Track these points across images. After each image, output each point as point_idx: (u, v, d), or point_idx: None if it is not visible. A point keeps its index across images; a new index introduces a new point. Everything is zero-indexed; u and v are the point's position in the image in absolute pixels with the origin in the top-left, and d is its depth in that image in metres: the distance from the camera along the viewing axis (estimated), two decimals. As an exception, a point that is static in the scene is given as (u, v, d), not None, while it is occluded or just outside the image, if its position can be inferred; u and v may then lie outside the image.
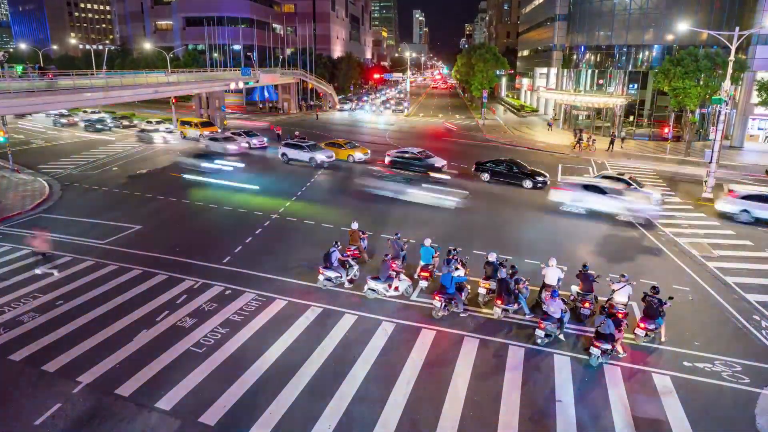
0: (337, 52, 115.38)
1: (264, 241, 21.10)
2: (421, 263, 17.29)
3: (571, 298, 15.50)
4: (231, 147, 39.77)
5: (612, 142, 44.34)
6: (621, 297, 14.46)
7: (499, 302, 14.99)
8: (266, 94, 73.00)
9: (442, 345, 13.63)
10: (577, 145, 44.66)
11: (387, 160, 35.45)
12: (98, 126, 52.61)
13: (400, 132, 55.89)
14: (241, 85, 59.33)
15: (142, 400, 11.31)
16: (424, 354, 13.17)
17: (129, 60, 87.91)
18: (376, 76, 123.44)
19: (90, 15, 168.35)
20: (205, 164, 34.46)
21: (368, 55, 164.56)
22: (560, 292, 14.45)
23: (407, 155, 34.85)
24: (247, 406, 11.19)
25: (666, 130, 45.47)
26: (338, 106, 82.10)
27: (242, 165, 35.63)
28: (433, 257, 17.39)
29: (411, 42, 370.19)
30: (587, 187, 25.75)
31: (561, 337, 13.87)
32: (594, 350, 12.63)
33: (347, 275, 16.83)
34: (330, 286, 16.65)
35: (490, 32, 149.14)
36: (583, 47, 56.06)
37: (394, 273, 16.22)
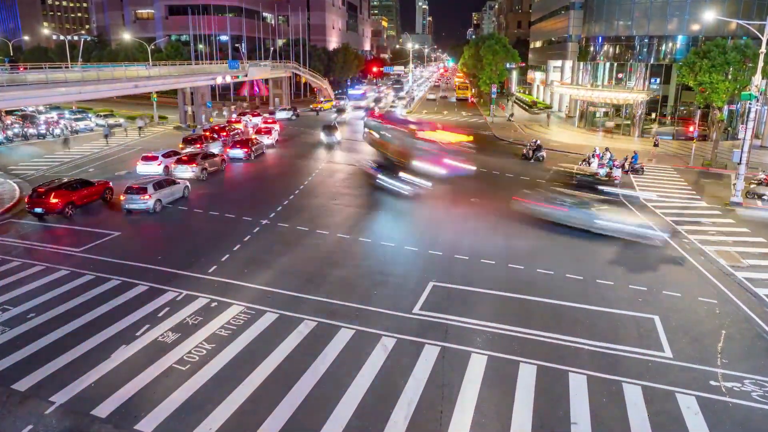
0: (333, 43, 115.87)
1: (253, 250, 21.20)
2: None
3: None
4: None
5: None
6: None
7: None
8: (256, 89, 73.30)
9: (447, 362, 13.69)
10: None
11: None
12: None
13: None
14: (228, 79, 59.61)
15: (121, 422, 11.35)
16: (428, 372, 13.19)
17: (107, 52, 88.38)
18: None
19: (64, 3, 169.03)
20: None
21: (367, 47, 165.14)
22: None
23: None
24: (235, 428, 11.23)
25: (691, 128, 45.61)
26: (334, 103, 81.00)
27: None
28: None
29: (414, 32, 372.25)
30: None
31: None
32: None
33: None
34: None
35: (499, 22, 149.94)
36: (600, 38, 56.29)
37: None
